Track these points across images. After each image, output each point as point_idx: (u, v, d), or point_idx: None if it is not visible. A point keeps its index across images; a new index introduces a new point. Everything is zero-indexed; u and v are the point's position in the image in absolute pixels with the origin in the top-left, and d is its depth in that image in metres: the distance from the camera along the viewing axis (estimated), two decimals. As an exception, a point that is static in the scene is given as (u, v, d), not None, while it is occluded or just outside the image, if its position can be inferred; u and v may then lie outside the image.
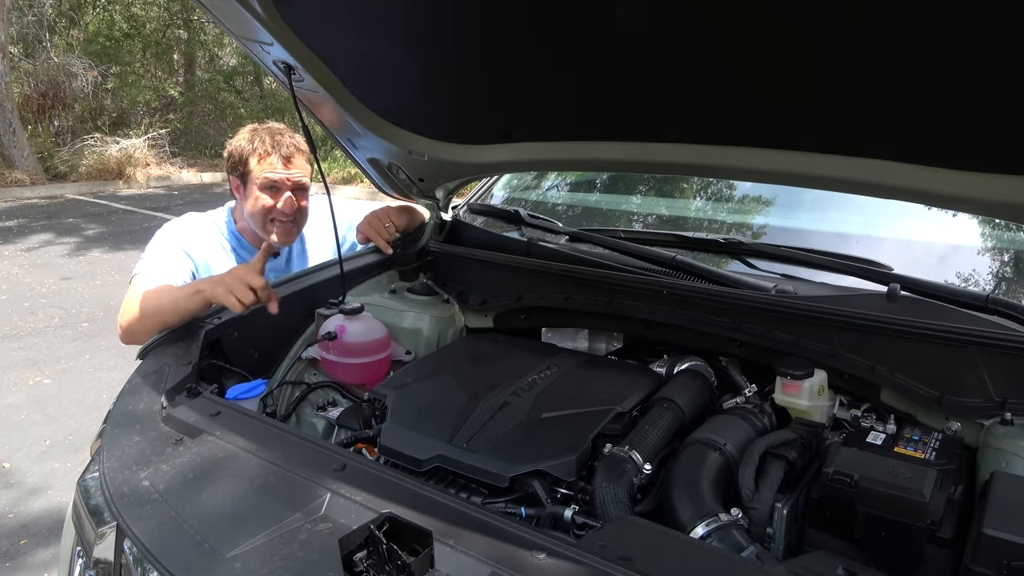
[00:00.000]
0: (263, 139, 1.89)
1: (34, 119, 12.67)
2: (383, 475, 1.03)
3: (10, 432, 3.57)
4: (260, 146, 1.87)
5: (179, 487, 1.03)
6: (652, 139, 1.35)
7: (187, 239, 1.87)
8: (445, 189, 1.95)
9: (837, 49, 0.95)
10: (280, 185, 1.87)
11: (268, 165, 1.87)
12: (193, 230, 1.91)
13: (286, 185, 1.87)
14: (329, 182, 10.72)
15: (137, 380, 1.38)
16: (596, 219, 2.23)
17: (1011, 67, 0.86)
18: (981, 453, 1.15)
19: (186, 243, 1.85)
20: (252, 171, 1.88)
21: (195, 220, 1.95)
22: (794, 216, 1.90)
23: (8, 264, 6.91)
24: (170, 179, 12.41)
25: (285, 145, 1.89)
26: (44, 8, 12.85)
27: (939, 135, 1.05)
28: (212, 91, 15.23)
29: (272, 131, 1.93)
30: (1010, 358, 1.16)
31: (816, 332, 1.33)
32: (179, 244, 1.84)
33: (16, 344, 4.75)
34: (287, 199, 1.87)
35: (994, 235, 1.64)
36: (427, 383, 1.41)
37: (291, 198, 1.88)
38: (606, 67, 1.18)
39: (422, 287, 1.84)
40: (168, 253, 1.81)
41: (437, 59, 1.38)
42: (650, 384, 1.39)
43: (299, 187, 1.90)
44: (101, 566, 1.06)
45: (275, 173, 1.86)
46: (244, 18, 1.29)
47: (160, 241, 1.85)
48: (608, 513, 1.06)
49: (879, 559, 1.02)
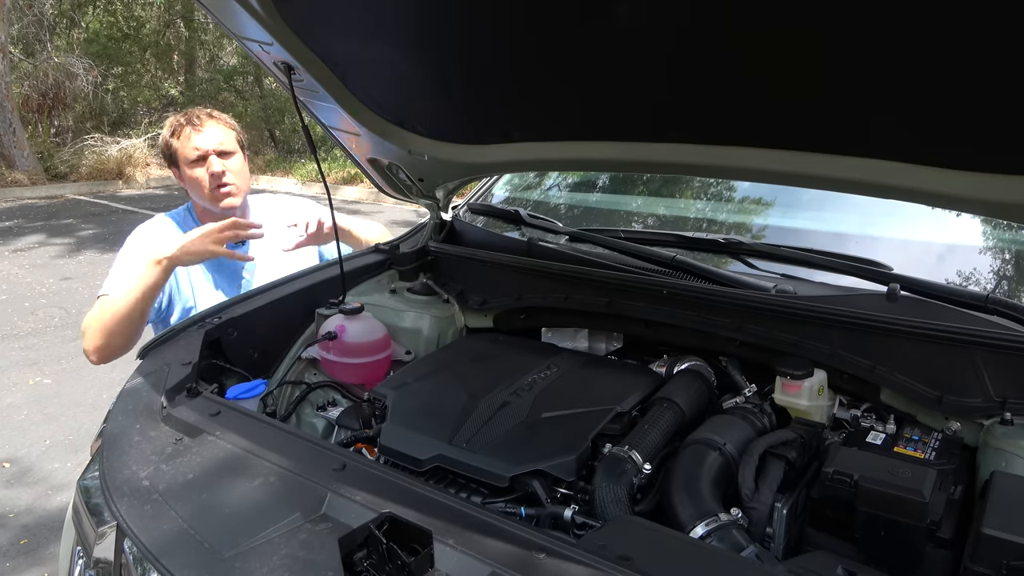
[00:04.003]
0: (177, 119, 1.95)
1: (34, 119, 12.67)
2: (383, 475, 1.03)
3: (10, 432, 3.57)
4: (175, 125, 1.93)
5: (179, 487, 1.03)
6: (652, 139, 1.34)
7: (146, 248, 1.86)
8: (445, 189, 1.95)
9: (837, 48, 0.95)
10: (204, 154, 1.90)
11: (185, 139, 1.91)
12: (149, 238, 1.92)
13: (208, 152, 1.90)
14: (329, 182, 10.61)
15: (137, 380, 1.38)
16: (596, 219, 2.23)
17: (1012, 67, 0.86)
18: (981, 453, 1.15)
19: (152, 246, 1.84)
20: (176, 151, 1.93)
21: (148, 228, 1.98)
22: (794, 216, 1.90)
23: (8, 264, 6.91)
24: (170, 179, 12.36)
25: (195, 116, 1.94)
26: (44, 8, 12.85)
27: (939, 135, 1.05)
28: (212, 91, 15.22)
29: (187, 112, 1.98)
30: (1010, 358, 1.16)
31: (816, 332, 1.33)
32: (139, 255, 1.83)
33: (16, 344, 4.75)
34: (214, 163, 1.90)
35: (994, 235, 1.64)
36: (427, 383, 1.41)
37: (218, 162, 1.90)
38: (606, 67, 1.18)
39: (422, 287, 1.84)
40: (129, 267, 1.82)
41: (437, 59, 1.38)
42: (650, 384, 1.39)
43: (222, 152, 1.92)
44: (101, 566, 1.06)
45: (193, 144, 1.90)
46: (244, 18, 1.29)
47: (122, 257, 1.88)
48: (608, 513, 1.06)
49: (879, 559, 1.02)
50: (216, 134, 1.93)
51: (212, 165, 1.90)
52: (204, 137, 1.91)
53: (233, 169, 1.94)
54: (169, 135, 1.94)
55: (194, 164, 1.91)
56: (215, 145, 1.92)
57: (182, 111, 2.02)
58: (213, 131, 1.93)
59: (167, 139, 1.94)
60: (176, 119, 1.96)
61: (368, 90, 1.53)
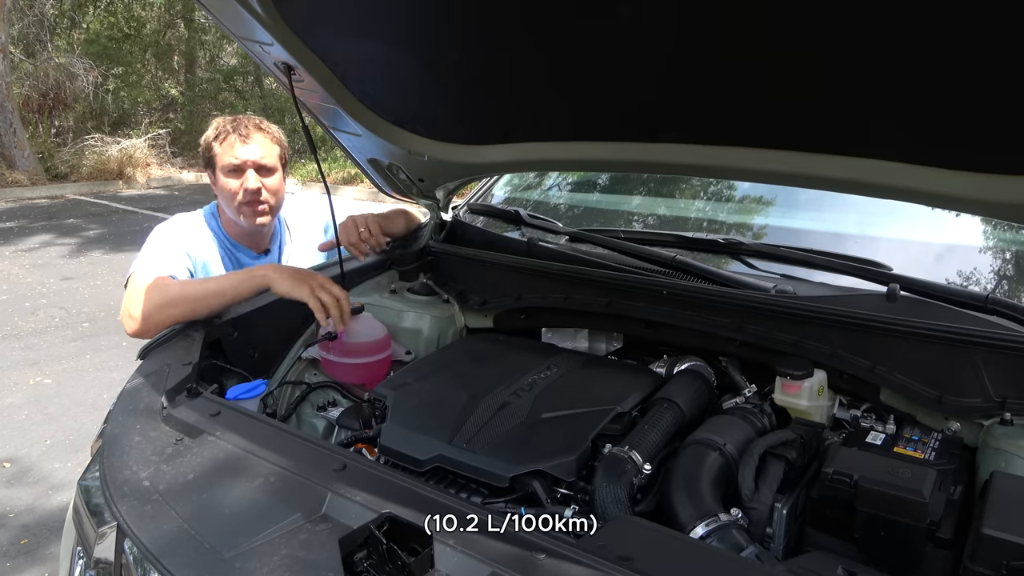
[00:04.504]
0: (224, 124, 1.89)
1: (35, 119, 12.66)
2: (383, 475, 1.03)
3: (10, 432, 3.57)
4: (221, 130, 1.87)
5: (179, 487, 1.03)
6: (652, 139, 1.35)
7: (184, 238, 1.86)
8: (445, 189, 1.95)
9: (837, 48, 0.95)
10: (241, 166, 1.84)
11: (228, 147, 1.85)
12: (188, 230, 1.90)
13: (247, 164, 1.84)
14: (329, 182, 10.60)
15: (137, 380, 1.38)
16: (596, 219, 2.23)
17: (1011, 67, 0.86)
18: (981, 453, 1.15)
19: (184, 242, 1.85)
20: (215, 156, 1.87)
21: (187, 220, 1.94)
22: (793, 216, 1.90)
23: (9, 264, 6.91)
24: (171, 179, 12.42)
25: (243, 125, 1.87)
26: (45, 8, 12.85)
27: (939, 135, 1.05)
28: (212, 91, 15.22)
29: (237, 117, 1.91)
30: (1010, 358, 1.16)
31: (816, 332, 1.33)
32: (177, 243, 1.83)
33: (17, 344, 4.75)
34: (250, 178, 1.84)
35: (994, 235, 1.64)
36: (427, 383, 1.41)
37: (255, 177, 1.84)
38: (605, 67, 1.18)
39: (422, 287, 1.84)
40: (167, 250, 1.80)
41: (437, 59, 1.38)
42: (650, 384, 1.39)
43: (262, 167, 1.86)
44: (101, 566, 1.06)
45: (234, 152, 1.85)
46: (244, 18, 1.29)
47: (158, 239, 1.84)
48: (608, 513, 1.06)
49: (879, 559, 1.02)
50: (260, 148, 1.87)
51: (248, 180, 1.84)
52: (248, 149, 1.85)
53: (270, 187, 1.88)
54: (212, 138, 1.88)
55: (231, 174, 1.85)
56: (256, 159, 1.85)
57: (232, 116, 1.94)
58: (258, 144, 1.87)
59: (209, 141, 1.88)
60: (223, 123, 1.89)
61: (368, 90, 1.53)
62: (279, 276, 1.58)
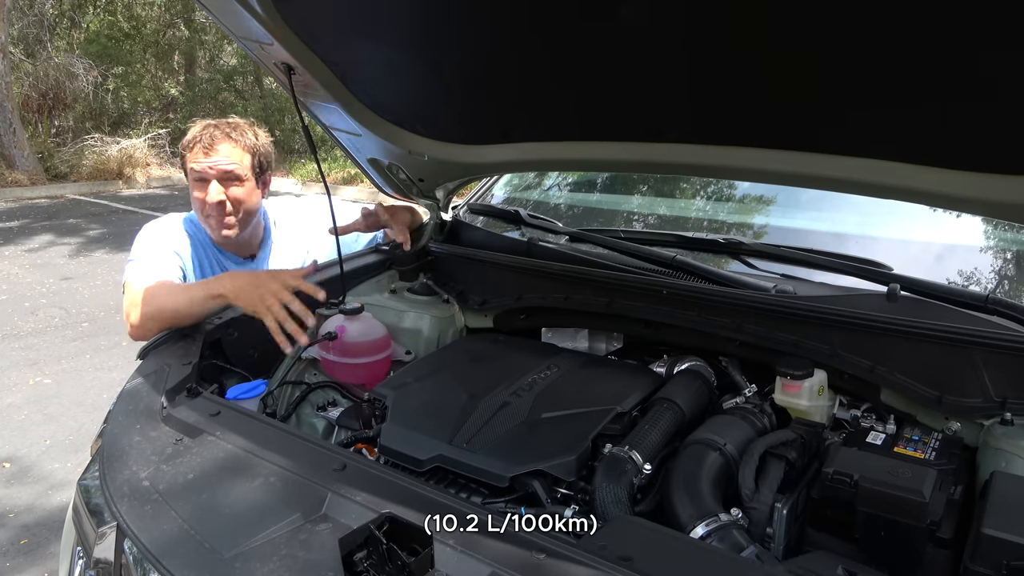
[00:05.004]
0: (197, 131, 1.83)
1: (34, 119, 12.66)
2: (383, 475, 1.03)
3: (10, 432, 3.57)
4: (191, 138, 1.83)
5: (179, 487, 1.03)
6: (652, 139, 1.35)
7: (173, 239, 1.85)
8: (445, 189, 1.95)
9: (838, 48, 0.95)
10: (204, 175, 1.79)
11: (193, 156, 1.81)
12: (176, 230, 1.89)
13: (209, 174, 1.78)
14: (329, 182, 10.62)
15: (137, 380, 1.38)
16: (596, 219, 2.23)
17: (1011, 67, 0.86)
18: (981, 453, 1.15)
19: (173, 243, 1.84)
20: (185, 164, 1.84)
21: (176, 221, 1.92)
22: (794, 216, 1.90)
23: (8, 264, 6.91)
24: (170, 179, 12.40)
25: (210, 134, 1.80)
26: (44, 8, 12.85)
27: (939, 135, 1.05)
28: (212, 91, 15.21)
29: (209, 124, 1.84)
30: (1010, 358, 1.16)
31: (816, 332, 1.33)
32: (167, 244, 1.82)
33: (17, 344, 4.75)
34: (211, 190, 1.78)
35: (994, 235, 1.64)
36: (427, 383, 1.41)
37: (217, 189, 1.79)
38: (607, 67, 1.18)
39: (422, 287, 1.84)
40: (158, 252, 1.80)
41: (437, 59, 1.38)
42: (650, 384, 1.39)
43: (226, 176, 1.80)
44: (101, 566, 1.06)
45: (198, 163, 1.80)
46: (244, 18, 1.29)
47: (147, 240, 1.82)
48: (608, 513, 1.06)
49: (879, 559, 1.02)
50: (226, 158, 1.80)
51: (210, 194, 1.79)
52: (212, 160, 1.79)
53: (236, 197, 1.82)
54: (184, 145, 1.84)
55: (196, 184, 1.82)
56: (222, 169, 1.79)
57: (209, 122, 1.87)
58: (224, 155, 1.80)
59: (183, 146, 1.84)
60: (196, 133, 1.83)
61: (368, 90, 1.53)
62: (236, 292, 1.52)
